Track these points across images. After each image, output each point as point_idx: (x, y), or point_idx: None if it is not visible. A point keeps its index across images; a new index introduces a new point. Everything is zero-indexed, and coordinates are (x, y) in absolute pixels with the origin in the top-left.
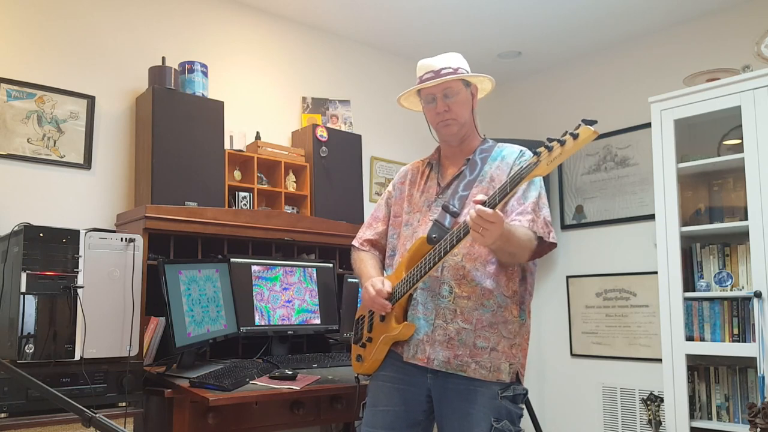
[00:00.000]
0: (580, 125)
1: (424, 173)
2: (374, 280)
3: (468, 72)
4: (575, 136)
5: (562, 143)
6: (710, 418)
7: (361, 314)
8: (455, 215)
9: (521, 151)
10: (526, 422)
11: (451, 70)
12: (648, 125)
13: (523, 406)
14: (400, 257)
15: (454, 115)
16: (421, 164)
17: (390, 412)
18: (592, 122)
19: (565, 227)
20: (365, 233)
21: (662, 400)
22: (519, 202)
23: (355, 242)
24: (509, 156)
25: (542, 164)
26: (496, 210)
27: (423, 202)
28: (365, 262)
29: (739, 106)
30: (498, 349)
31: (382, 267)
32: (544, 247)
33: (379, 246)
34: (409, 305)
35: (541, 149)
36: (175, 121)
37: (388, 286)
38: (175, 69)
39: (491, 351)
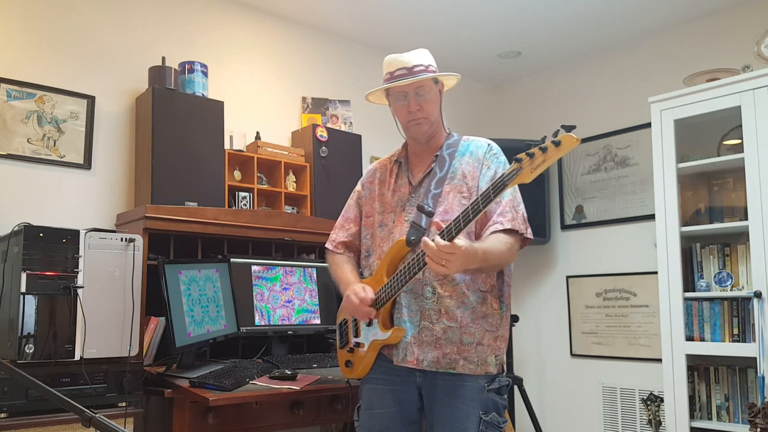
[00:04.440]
0: (559, 131)
1: (393, 171)
2: (356, 287)
3: (435, 68)
4: (557, 144)
5: (543, 150)
6: (710, 418)
7: (343, 318)
8: (430, 215)
9: (489, 144)
10: (526, 422)
11: (423, 68)
12: (648, 125)
13: (507, 397)
14: (377, 259)
15: (426, 113)
16: (389, 162)
17: (385, 413)
18: (570, 128)
19: (565, 227)
20: (338, 235)
21: (662, 400)
22: (496, 202)
23: (328, 245)
24: (477, 150)
25: (525, 171)
26: (456, 240)
27: (396, 202)
28: (342, 266)
29: (739, 106)
30: (483, 343)
31: (359, 269)
32: (522, 243)
33: (353, 247)
34: (393, 308)
35: (522, 156)
36: (175, 121)
37: (370, 293)
38: (175, 69)
39: (477, 346)
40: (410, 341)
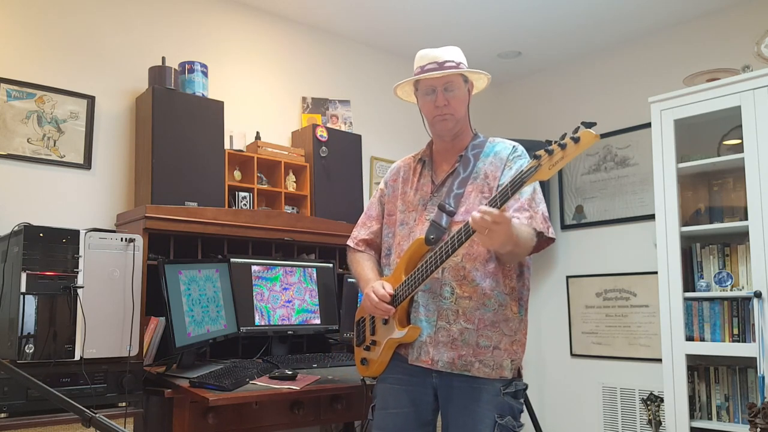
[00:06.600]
0: (579, 128)
1: (416, 170)
2: (375, 284)
3: (466, 67)
4: (576, 140)
5: (563, 147)
6: (710, 418)
7: (361, 316)
8: (451, 214)
9: (514, 146)
10: (526, 422)
11: (453, 64)
12: (648, 125)
13: (523, 401)
14: (397, 257)
15: (452, 110)
16: (413, 160)
17: (400, 413)
18: (591, 124)
19: (565, 227)
20: (360, 233)
21: (662, 400)
22: (515, 198)
23: (350, 242)
24: (502, 151)
25: (543, 168)
26: (501, 211)
27: (418, 201)
28: (362, 263)
29: (739, 106)
30: (500, 347)
31: (379, 267)
32: (542, 243)
33: (374, 245)
34: (410, 307)
35: (541, 152)
36: (175, 121)
37: (389, 289)
38: (175, 69)
39: (494, 349)
40: (426, 341)
